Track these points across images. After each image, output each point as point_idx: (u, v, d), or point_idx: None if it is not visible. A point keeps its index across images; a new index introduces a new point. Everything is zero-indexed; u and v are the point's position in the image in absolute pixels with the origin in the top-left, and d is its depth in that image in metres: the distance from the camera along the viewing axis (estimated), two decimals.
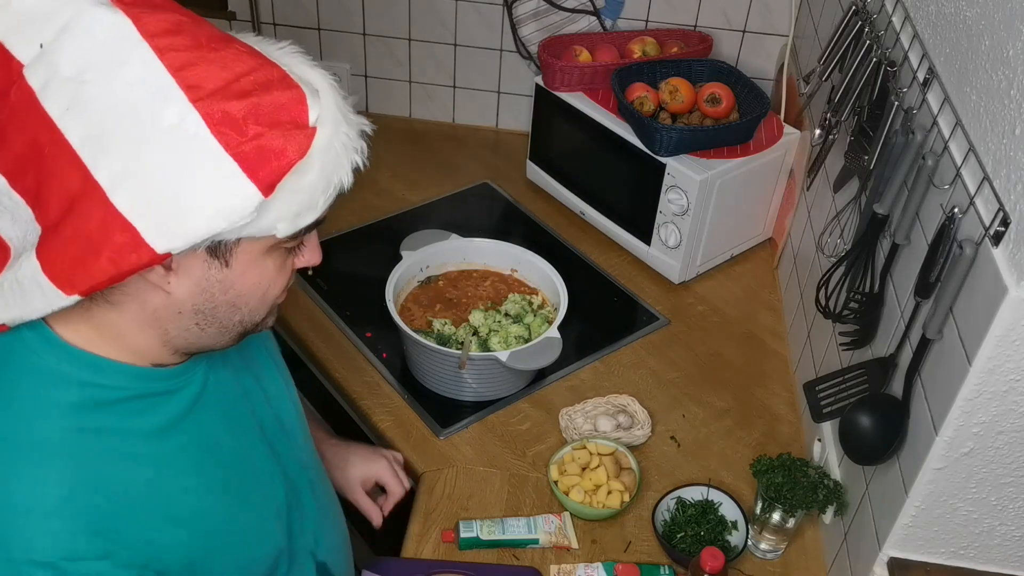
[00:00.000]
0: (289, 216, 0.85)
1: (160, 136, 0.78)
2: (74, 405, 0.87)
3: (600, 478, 1.47)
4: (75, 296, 0.82)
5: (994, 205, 0.99)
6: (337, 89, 0.88)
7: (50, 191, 0.81)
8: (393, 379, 1.67)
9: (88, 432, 0.87)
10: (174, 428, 0.95)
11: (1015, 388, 1.02)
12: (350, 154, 0.88)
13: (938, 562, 1.22)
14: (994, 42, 1.04)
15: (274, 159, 0.81)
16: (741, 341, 1.81)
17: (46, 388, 0.87)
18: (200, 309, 0.89)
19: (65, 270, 0.81)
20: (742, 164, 1.81)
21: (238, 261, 0.87)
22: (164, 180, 0.79)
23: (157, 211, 0.79)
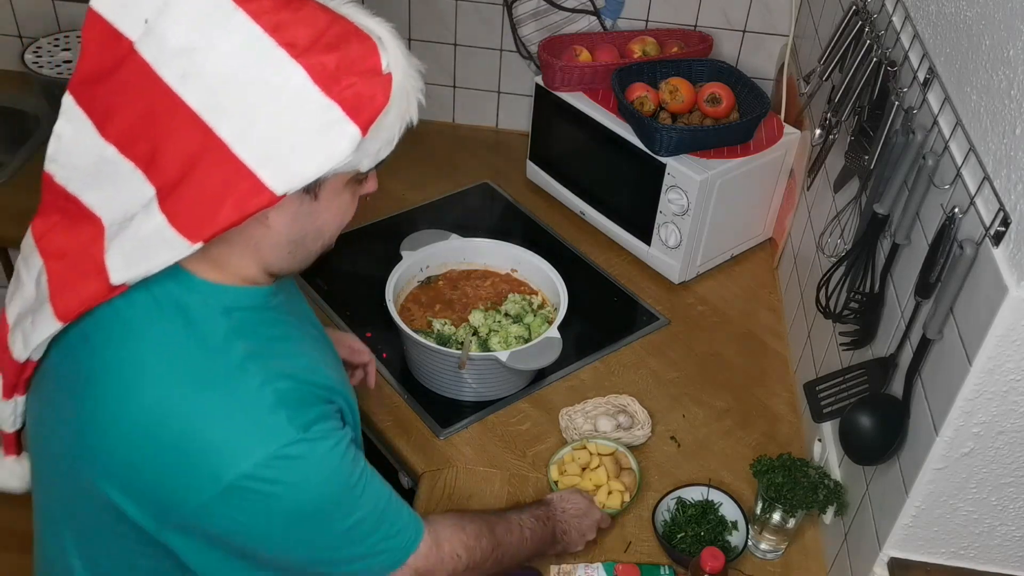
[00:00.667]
0: (372, 153, 0.98)
1: (271, 92, 0.89)
2: (233, 331, 0.99)
3: (600, 478, 1.47)
4: (199, 244, 0.92)
5: (994, 205, 0.99)
6: (397, 36, 0.98)
7: (168, 152, 0.91)
8: (393, 379, 1.67)
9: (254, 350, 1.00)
10: (285, 315, 1.10)
11: (1015, 388, 1.02)
12: (415, 94, 0.99)
13: (938, 562, 1.22)
14: (994, 42, 1.04)
15: (369, 103, 0.92)
16: (741, 341, 1.81)
17: (204, 323, 0.98)
18: (293, 239, 1.01)
19: (192, 221, 0.91)
20: (742, 164, 1.81)
21: (324, 194, 0.99)
22: (279, 130, 0.90)
23: (275, 158, 0.90)
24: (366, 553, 1.07)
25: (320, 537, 1.02)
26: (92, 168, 0.95)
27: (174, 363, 0.96)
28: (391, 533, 1.09)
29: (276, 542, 1.00)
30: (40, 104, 2.26)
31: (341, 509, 1.03)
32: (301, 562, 1.04)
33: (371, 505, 1.06)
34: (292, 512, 0.98)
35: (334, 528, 1.03)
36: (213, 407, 0.95)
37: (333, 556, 1.05)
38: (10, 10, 2.32)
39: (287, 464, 0.96)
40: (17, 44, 2.34)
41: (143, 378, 0.95)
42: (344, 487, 1.03)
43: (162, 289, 0.97)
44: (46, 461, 1.08)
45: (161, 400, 0.95)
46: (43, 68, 2.21)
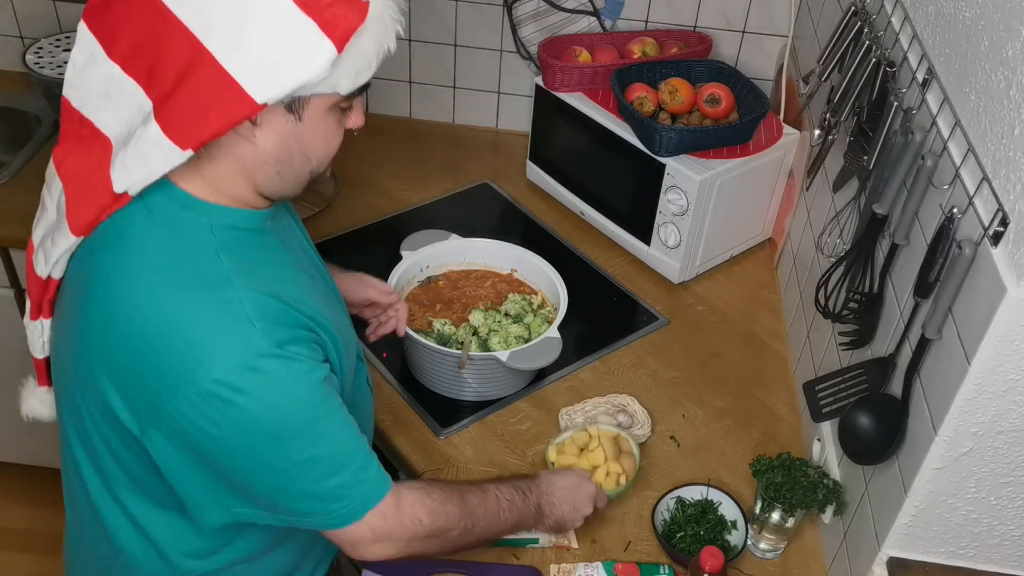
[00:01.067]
0: (351, 75, 1.03)
1: (256, 9, 0.96)
2: (224, 241, 1.06)
3: (598, 459, 1.47)
4: (189, 151, 0.99)
5: (993, 205, 1.00)
6: None
7: (164, 66, 0.98)
8: (393, 379, 1.67)
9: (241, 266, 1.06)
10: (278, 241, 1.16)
11: (1014, 388, 1.02)
12: (394, 24, 1.05)
13: (937, 562, 1.22)
14: (993, 43, 1.04)
15: (344, 22, 0.98)
16: (741, 341, 1.81)
17: (203, 234, 1.06)
18: (280, 159, 1.06)
19: (183, 129, 0.98)
20: (742, 164, 1.81)
21: (308, 116, 1.04)
22: (262, 44, 0.96)
23: (257, 69, 0.96)
24: (323, 494, 1.10)
25: (278, 460, 1.06)
26: (102, 89, 1.03)
27: (164, 266, 1.04)
28: (352, 482, 1.11)
29: (237, 456, 1.05)
30: (41, 104, 2.26)
31: (302, 437, 1.06)
32: (259, 485, 1.08)
33: (336, 446, 1.10)
34: (254, 427, 1.03)
35: (293, 455, 1.06)
36: (195, 308, 1.02)
37: (290, 486, 1.08)
38: (11, 11, 2.32)
39: (255, 376, 1.01)
40: (18, 45, 2.34)
41: (135, 279, 1.03)
42: (309, 417, 1.06)
43: (158, 205, 1.05)
44: (59, 367, 1.18)
45: (150, 298, 1.02)
46: (44, 69, 2.22)
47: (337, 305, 1.27)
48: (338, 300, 1.29)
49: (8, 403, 2.33)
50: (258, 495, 1.10)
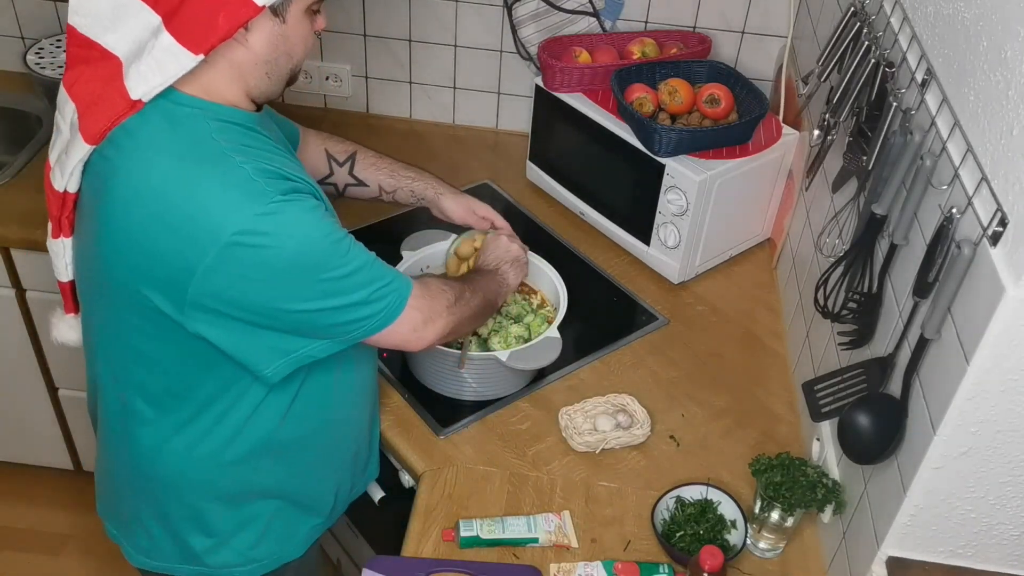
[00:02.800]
0: None
1: None
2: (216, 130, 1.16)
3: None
4: (202, 55, 1.11)
5: (992, 205, 1.00)
6: None
7: None
8: (393, 379, 1.67)
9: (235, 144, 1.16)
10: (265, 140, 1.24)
11: (1013, 387, 1.03)
12: None
13: (936, 561, 1.22)
14: (992, 43, 1.05)
15: None
16: (740, 341, 1.82)
17: (197, 121, 1.16)
18: (269, 59, 1.19)
19: (194, 35, 1.10)
20: (741, 165, 1.81)
21: (291, 18, 1.18)
22: None
23: None
24: (369, 298, 1.22)
25: (321, 284, 1.17)
26: (110, 13, 1.13)
27: (168, 149, 1.14)
28: (386, 282, 1.25)
29: (283, 294, 1.16)
30: (42, 105, 2.26)
31: (334, 259, 1.18)
32: (314, 316, 1.19)
33: (361, 260, 1.22)
34: (289, 261, 1.14)
35: (332, 275, 1.18)
36: (201, 177, 1.12)
37: (341, 303, 1.20)
38: (12, 11, 2.32)
39: (272, 219, 1.12)
40: (19, 45, 2.35)
41: (144, 164, 1.14)
42: (331, 240, 1.18)
43: (157, 107, 1.15)
44: (86, 281, 1.29)
45: (164, 179, 1.12)
46: (45, 69, 2.22)
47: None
48: None
49: (9, 403, 2.35)
50: (315, 324, 1.21)
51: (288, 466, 1.38)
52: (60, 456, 2.43)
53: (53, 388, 2.28)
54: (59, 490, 2.52)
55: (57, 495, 2.51)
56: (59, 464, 2.46)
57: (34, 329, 2.14)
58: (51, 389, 2.27)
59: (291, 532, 1.46)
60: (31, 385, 2.25)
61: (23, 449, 2.45)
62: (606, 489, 1.51)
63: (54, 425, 2.35)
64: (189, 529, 1.39)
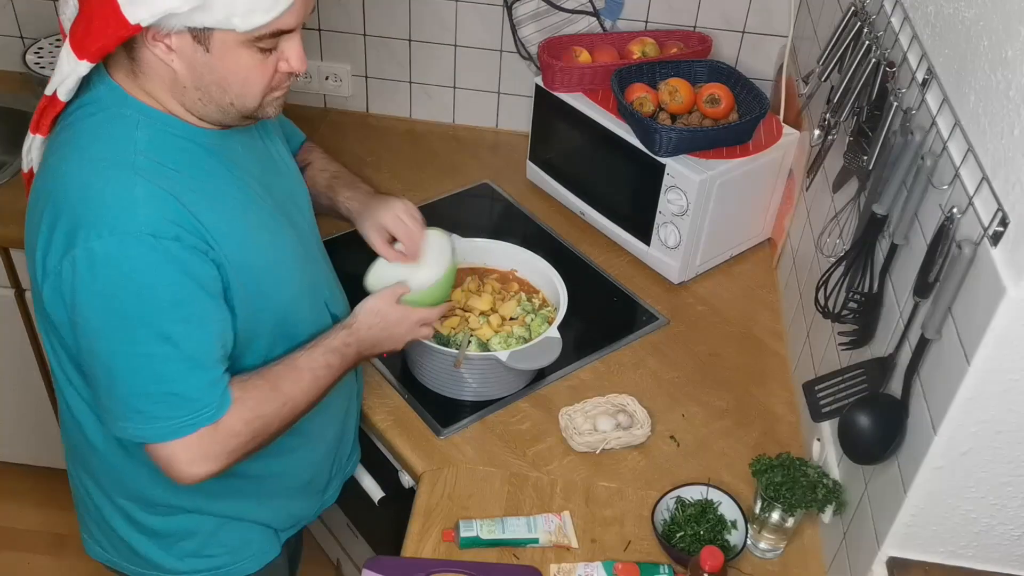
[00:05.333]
0: (241, 12, 1.05)
1: None
2: (148, 140, 1.13)
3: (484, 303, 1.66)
4: (85, 61, 1.07)
5: (993, 205, 1.00)
6: None
7: None
8: (393, 379, 1.67)
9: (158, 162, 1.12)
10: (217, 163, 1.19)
11: (1014, 388, 1.02)
12: None
13: (937, 561, 1.22)
14: (993, 43, 1.04)
15: None
16: (740, 341, 1.81)
17: (128, 128, 1.13)
18: (197, 85, 1.12)
19: (78, 41, 1.07)
20: (741, 164, 1.81)
21: (215, 48, 1.08)
22: None
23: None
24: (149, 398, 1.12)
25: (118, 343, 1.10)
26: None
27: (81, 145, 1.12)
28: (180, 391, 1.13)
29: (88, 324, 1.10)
30: None
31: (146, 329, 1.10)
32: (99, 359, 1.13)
33: (181, 351, 1.12)
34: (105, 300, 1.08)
35: (136, 342, 1.10)
36: (92, 181, 1.09)
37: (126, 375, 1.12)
38: (11, 11, 2.32)
39: (120, 251, 1.06)
40: (18, 45, 2.34)
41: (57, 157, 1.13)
42: (156, 310, 1.10)
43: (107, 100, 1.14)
44: None
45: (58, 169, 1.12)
46: (44, 69, 2.22)
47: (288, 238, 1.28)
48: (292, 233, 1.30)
49: (9, 403, 2.34)
50: (97, 373, 1.14)
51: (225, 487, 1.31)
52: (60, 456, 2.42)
53: (53, 388, 2.27)
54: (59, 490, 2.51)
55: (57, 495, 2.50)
56: (59, 464, 2.45)
57: (34, 329, 2.14)
58: (51, 389, 2.27)
59: (243, 544, 1.41)
60: (31, 385, 2.25)
61: (23, 449, 2.45)
62: (606, 489, 1.51)
63: (54, 425, 2.35)
64: (125, 524, 1.36)
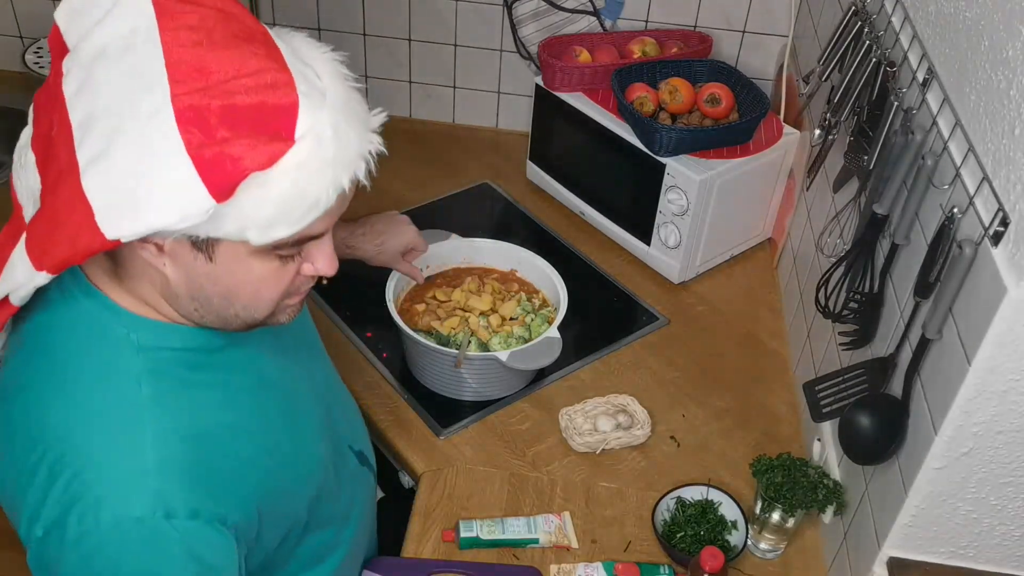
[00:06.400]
0: (259, 225, 0.84)
1: (136, 125, 0.80)
2: (146, 371, 0.92)
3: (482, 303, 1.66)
4: (44, 272, 0.85)
5: (993, 205, 1.00)
6: (349, 105, 0.88)
7: (49, 169, 0.85)
8: (393, 379, 1.67)
9: (164, 395, 0.92)
10: (232, 372, 0.99)
11: (1014, 388, 1.02)
12: (336, 175, 0.86)
13: (938, 562, 1.22)
14: (993, 42, 1.04)
15: (229, 165, 0.80)
16: (741, 341, 1.81)
17: (116, 355, 0.92)
18: (194, 296, 0.92)
19: (37, 245, 0.85)
20: (742, 164, 1.81)
21: (221, 258, 0.88)
22: (128, 168, 0.80)
23: (115, 197, 0.80)
24: None
25: None
26: (26, 178, 0.90)
27: (71, 389, 0.90)
28: None
29: None
30: None
31: None
32: None
33: None
34: None
35: None
36: (90, 445, 0.88)
37: None
38: (11, 11, 2.32)
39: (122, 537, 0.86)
40: (18, 44, 2.34)
41: (36, 397, 0.91)
42: None
43: (89, 314, 0.93)
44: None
45: (44, 419, 0.89)
46: (44, 68, 2.22)
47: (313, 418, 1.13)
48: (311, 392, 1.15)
49: None
50: None
51: None
52: None
53: None
54: None
55: None
56: None
57: None
58: None
59: None
60: None
61: None
62: (606, 490, 1.50)
63: None
64: None
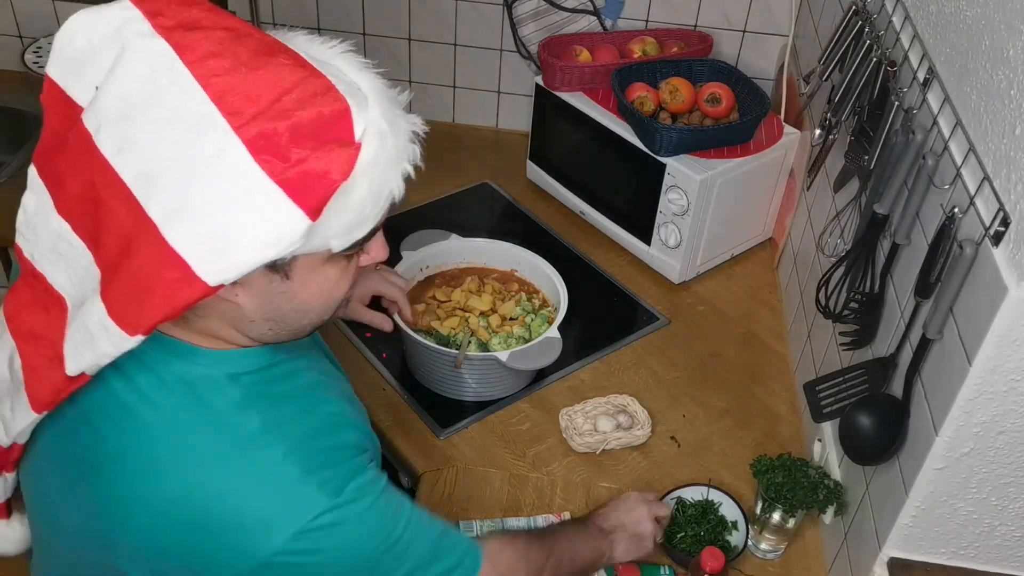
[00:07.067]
0: (342, 233, 0.87)
1: (204, 168, 0.79)
2: (242, 394, 0.93)
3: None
4: (139, 336, 0.84)
5: (994, 205, 0.99)
6: (386, 93, 0.89)
7: (108, 232, 0.83)
8: (393, 379, 1.67)
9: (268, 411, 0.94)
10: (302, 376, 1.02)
11: (1015, 388, 1.02)
12: (400, 164, 0.89)
13: (938, 562, 1.22)
14: (994, 42, 1.04)
15: (318, 183, 0.80)
16: (741, 341, 1.81)
17: (214, 395, 0.93)
18: (270, 317, 0.92)
19: (126, 310, 0.83)
20: (742, 164, 1.81)
21: (298, 274, 0.89)
22: (212, 212, 0.79)
23: (207, 244, 0.80)
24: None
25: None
26: (51, 244, 0.89)
27: (190, 443, 0.91)
28: (447, 568, 1.04)
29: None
30: (40, 105, 2.25)
31: (387, 563, 0.98)
32: None
33: (421, 550, 1.01)
34: (334, 574, 0.94)
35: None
36: (237, 485, 0.90)
37: None
38: (10, 10, 2.32)
39: (323, 533, 0.90)
40: (18, 44, 2.34)
41: (160, 463, 0.90)
42: (388, 542, 0.97)
43: (164, 366, 0.92)
44: (58, 539, 1.03)
45: (182, 484, 0.89)
46: (43, 68, 2.21)
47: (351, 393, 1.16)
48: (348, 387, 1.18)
49: None
50: None
51: None
52: None
53: None
54: None
55: None
56: None
57: None
58: None
59: None
60: None
61: None
62: (607, 490, 1.50)
63: None
64: None
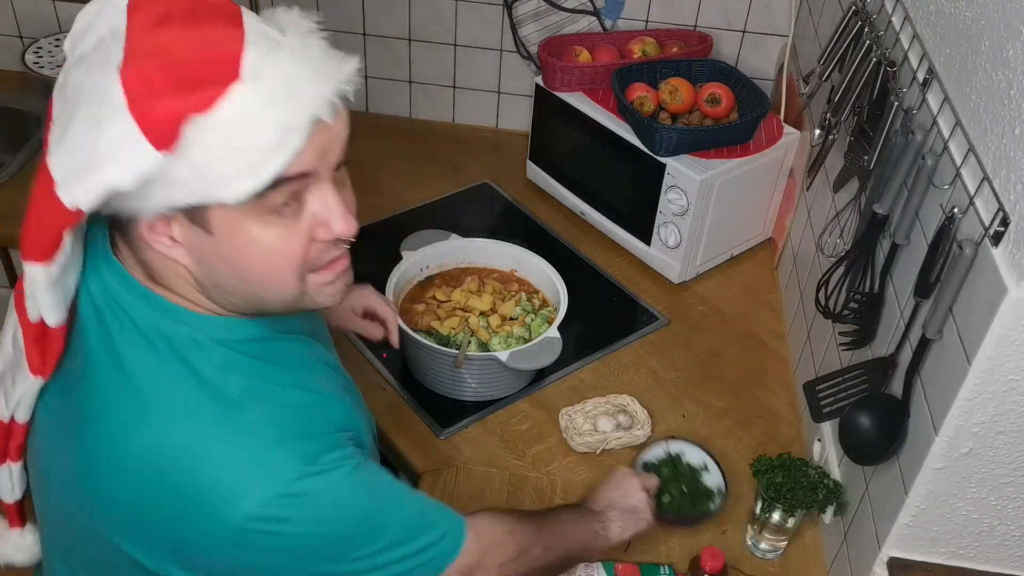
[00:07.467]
0: (223, 178, 0.82)
1: (89, 95, 0.82)
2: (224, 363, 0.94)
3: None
4: (32, 261, 0.88)
5: (994, 205, 1.00)
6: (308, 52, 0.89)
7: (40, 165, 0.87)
8: (393, 379, 1.67)
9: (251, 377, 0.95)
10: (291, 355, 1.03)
11: (1015, 388, 1.02)
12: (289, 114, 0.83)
13: (938, 562, 1.22)
14: (994, 42, 1.04)
15: (163, 110, 0.79)
16: (741, 341, 1.81)
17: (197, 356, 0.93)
18: (215, 281, 0.92)
19: (25, 237, 0.88)
20: (742, 164, 1.81)
21: (217, 228, 0.87)
22: (81, 136, 0.82)
23: (70, 166, 0.83)
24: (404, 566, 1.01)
25: (343, 564, 0.97)
26: None
27: (171, 401, 0.91)
28: (428, 543, 1.03)
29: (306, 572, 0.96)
30: (40, 104, 2.26)
31: (363, 536, 0.98)
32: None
33: (399, 525, 1.01)
34: (310, 548, 0.94)
35: (360, 553, 0.98)
36: (212, 446, 0.90)
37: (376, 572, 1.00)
38: (11, 10, 2.32)
39: (295, 501, 0.91)
40: (18, 44, 2.34)
41: (141, 417, 0.91)
42: (362, 514, 0.97)
43: (151, 324, 0.93)
44: (52, 506, 1.05)
45: (160, 441, 0.90)
46: (43, 68, 2.22)
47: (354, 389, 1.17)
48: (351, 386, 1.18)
49: None
50: None
51: None
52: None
53: None
54: None
55: None
56: None
57: None
58: None
59: None
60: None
61: None
62: None
63: None
64: None
